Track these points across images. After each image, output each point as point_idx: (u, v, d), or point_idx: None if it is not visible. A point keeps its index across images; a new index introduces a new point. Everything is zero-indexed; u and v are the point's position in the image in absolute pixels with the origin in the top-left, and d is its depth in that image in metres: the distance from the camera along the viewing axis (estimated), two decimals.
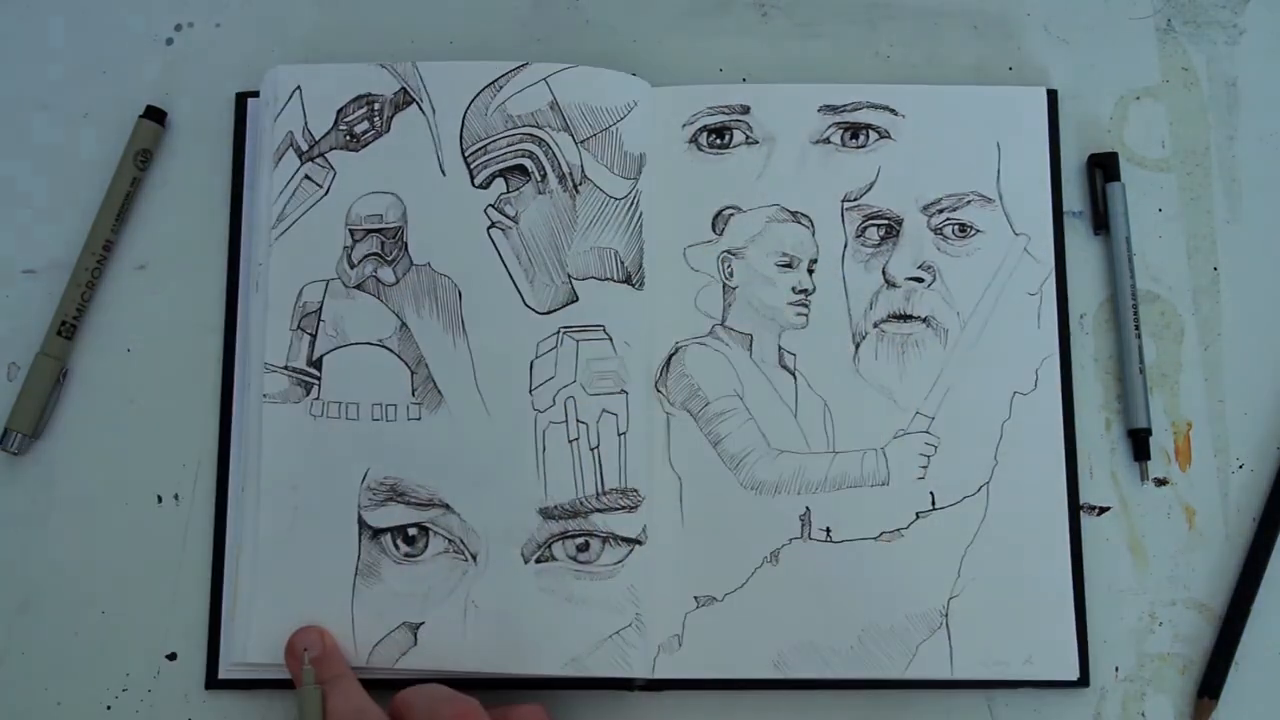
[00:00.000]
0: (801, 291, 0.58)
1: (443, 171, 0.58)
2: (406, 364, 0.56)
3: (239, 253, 0.59)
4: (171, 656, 0.56)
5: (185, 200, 0.61)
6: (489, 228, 0.58)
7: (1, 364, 0.59)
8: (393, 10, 0.62)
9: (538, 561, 0.54)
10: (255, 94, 0.61)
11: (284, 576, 0.55)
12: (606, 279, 0.57)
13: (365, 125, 0.59)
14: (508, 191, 0.58)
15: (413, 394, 0.56)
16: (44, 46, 0.62)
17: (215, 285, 0.59)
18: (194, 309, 0.59)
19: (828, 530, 0.56)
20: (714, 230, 0.58)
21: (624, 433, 0.55)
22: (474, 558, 0.55)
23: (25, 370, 0.58)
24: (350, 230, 0.58)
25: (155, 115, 0.61)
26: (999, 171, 0.59)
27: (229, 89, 0.61)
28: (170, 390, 0.58)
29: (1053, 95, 0.60)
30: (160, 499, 0.57)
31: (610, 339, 0.56)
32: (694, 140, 0.59)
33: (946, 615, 0.55)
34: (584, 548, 0.54)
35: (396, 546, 0.55)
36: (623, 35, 0.62)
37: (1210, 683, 0.55)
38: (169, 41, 0.62)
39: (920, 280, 0.58)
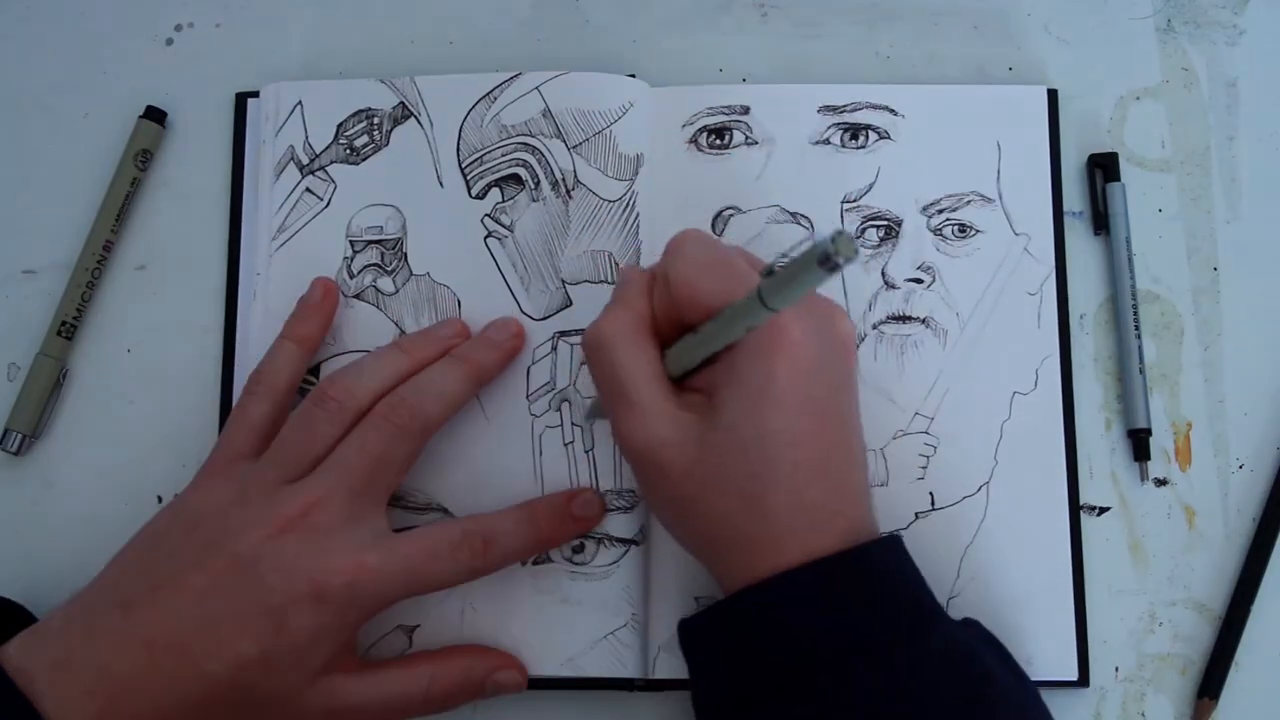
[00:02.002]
0: None
1: (441, 183, 0.58)
2: None
3: (239, 255, 0.59)
4: None
5: (185, 201, 0.61)
6: (486, 237, 0.58)
7: (1, 364, 0.59)
8: (391, 11, 0.62)
9: (535, 564, 0.54)
10: (255, 94, 0.61)
11: None
12: (600, 281, 0.57)
13: (365, 139, 0.59)
14: (503, 201, 0.58)
15: None
16: (44, 46, 0.62)
17: (215, 286, 0.59)
18: (194, 309, 0.59)
19: None
20: (714, 231, 0.58)
21: None
22: None
23: (25, 370, 0.58)
24: (350, 241, 0.58)
25: (155, 115, 0.61)
26: (999, 171, 0.58)
27: (229, 89, 0.61)
28: (170, 390, 0.58)
29: (1053, 95, 0.59)
30: (160, 499, 0.57)
31: None
32: (694, 141, 0.59)
33: None
34: (579, 549, 0.55)
35: None
36: (623, 36, 0.62)
37: (1210, 683, 0.55)
38: (169, 41, 0.63)
39: (919, 281, 0.57)
